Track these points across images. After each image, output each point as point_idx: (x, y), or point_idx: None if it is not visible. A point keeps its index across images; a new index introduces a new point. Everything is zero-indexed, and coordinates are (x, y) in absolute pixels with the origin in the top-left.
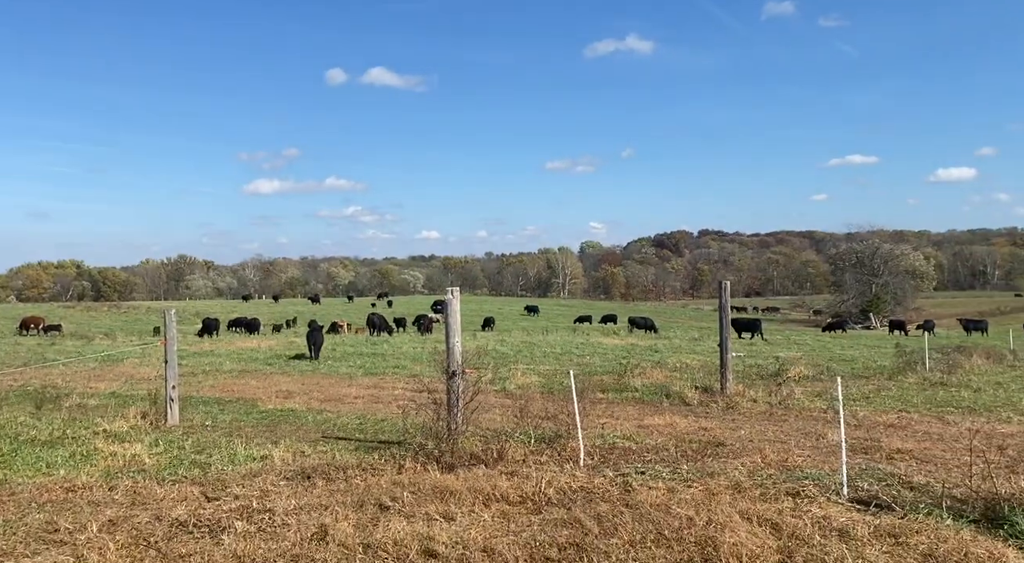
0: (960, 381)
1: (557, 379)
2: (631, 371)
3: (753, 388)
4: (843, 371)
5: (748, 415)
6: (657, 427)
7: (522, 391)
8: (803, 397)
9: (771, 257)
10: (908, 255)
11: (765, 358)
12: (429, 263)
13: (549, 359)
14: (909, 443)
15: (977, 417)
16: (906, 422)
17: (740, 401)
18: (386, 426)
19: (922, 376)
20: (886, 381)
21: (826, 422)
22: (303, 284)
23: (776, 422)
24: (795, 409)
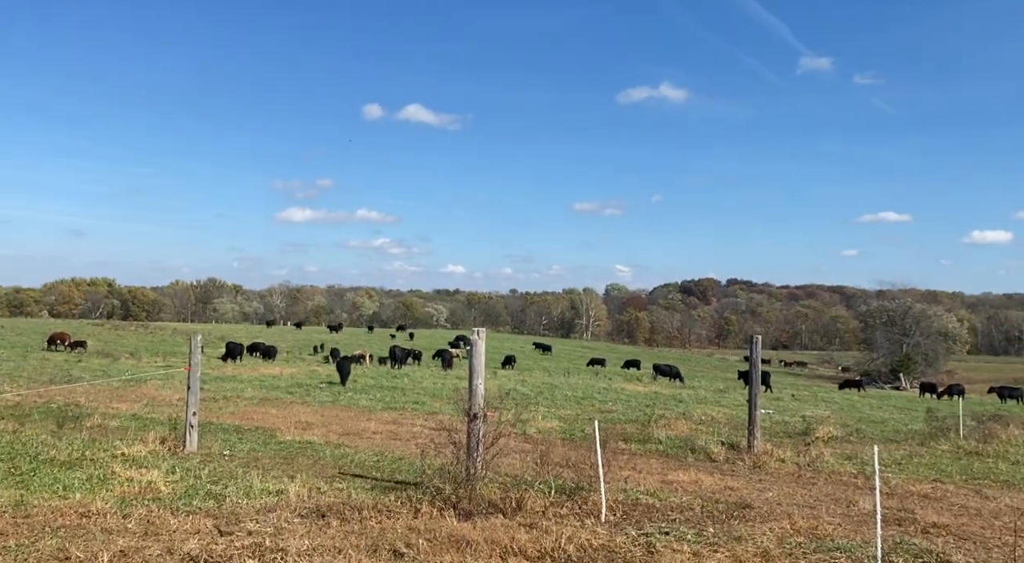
0: (996, 451)
1: (579, 425)
2: (655, 421)
3: (781, 447)
4: (873, 433)
5: (776, 476)
6: (682, 484)
7: (543, 436)
8: (832, 459)
9: (800, 310)
10: (941, 316)
11: (792, 415)
12: (453, 297)
13: (570, 403)
14: (945, 517)
15: (1016, 493)
16: (941, 493)
17: (768, 460)
18: (403, 465)
19: (956, 444)
20: (918, 446)
21: (857, 488)
22: (328, 312)
23: (805, 485)
24: (824, 472)
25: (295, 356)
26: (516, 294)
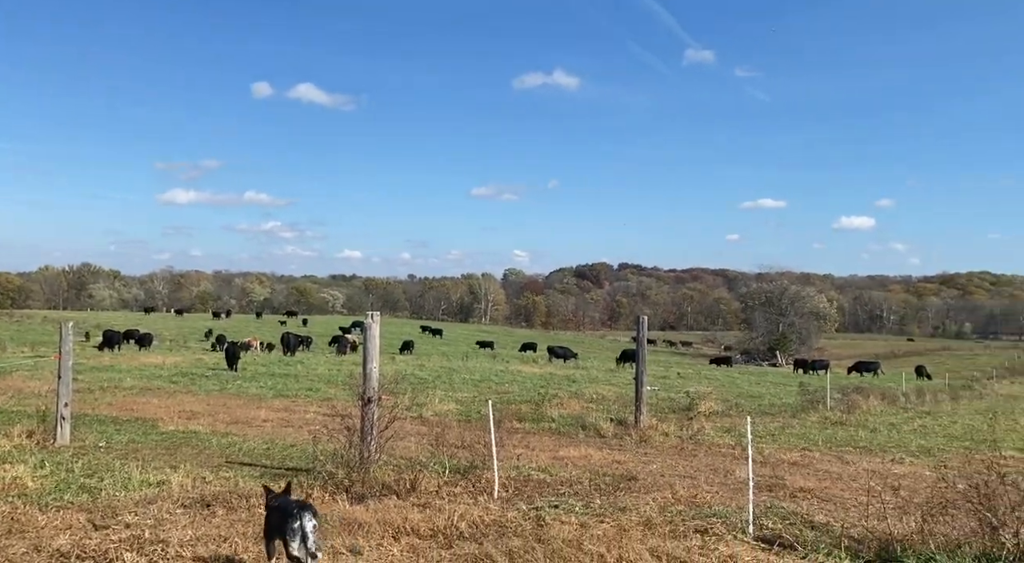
0: (858, 421)
1: (475, 407)
2: (549, 401)
3: (666, 422)
4: (751, 407)
5: (660, 449)
6: (572, 459)
7: (439, 419)
8: (713, 432)
9: (686, 293)
10: (813, 297)
11: (677, 392)
12: (350, 283)
13: (468, 386)
14: (811, 482)
15: (873, 457)
16: (809, 460)
17: (653, 434)
18: (295, 452)
19: (823, 415)
20: (790, 419)
21: (734, 458)
22: (215, 299)
23: (687, 457)
24: (705, 444)
25: (179, 344)
26: (415, 279)
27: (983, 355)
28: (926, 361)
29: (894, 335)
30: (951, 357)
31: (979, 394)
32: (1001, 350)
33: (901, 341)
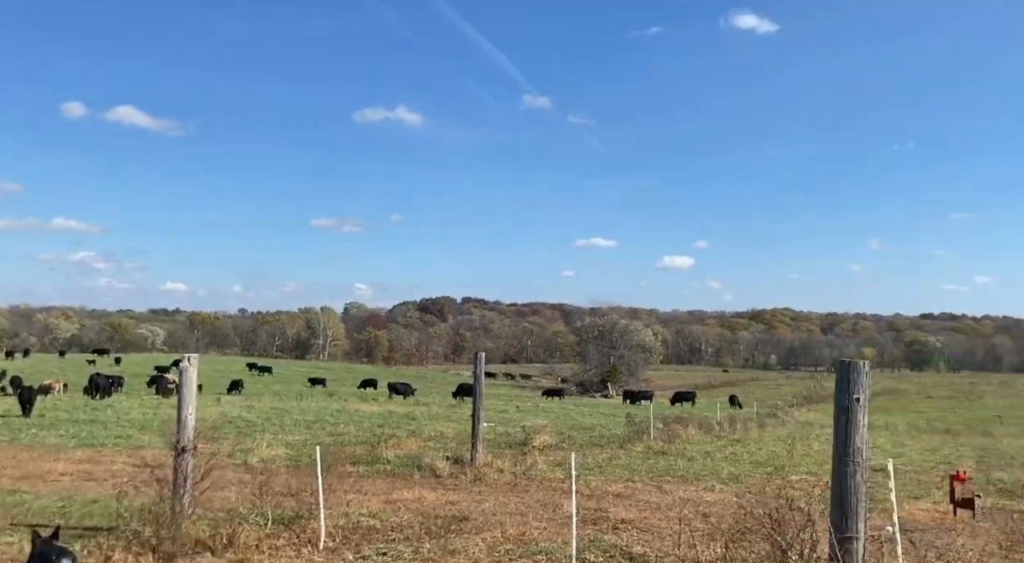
0: (678, 450)
1: (307, 450)
2: (385, 441)
3: (501, 458)
4: (583, 439)
5: (494, 486)
6: (405, 502)
7: (265, 465)
8: (545, 466)
9: (527, 326)
10: (640, 331)
11: (515, 426)
12: (173, 318)
13: (300, 428)
14: (632, 512)
15: (688, 485)
16: (631, 491)
17: (488, 472)
18: (97, 508)
19: (647, 445)
20: (618, 449)
21: (564, 492)
22: (11, 336)
23: (519, 493)
24: (537, 479)
25: None
26: (247, 314)
27: (786, 385)
28: (738, 391)
29: (711, 366)
30: (759, 387)
31: (782, 421)
32: (800, 380)
33: (717, 372)
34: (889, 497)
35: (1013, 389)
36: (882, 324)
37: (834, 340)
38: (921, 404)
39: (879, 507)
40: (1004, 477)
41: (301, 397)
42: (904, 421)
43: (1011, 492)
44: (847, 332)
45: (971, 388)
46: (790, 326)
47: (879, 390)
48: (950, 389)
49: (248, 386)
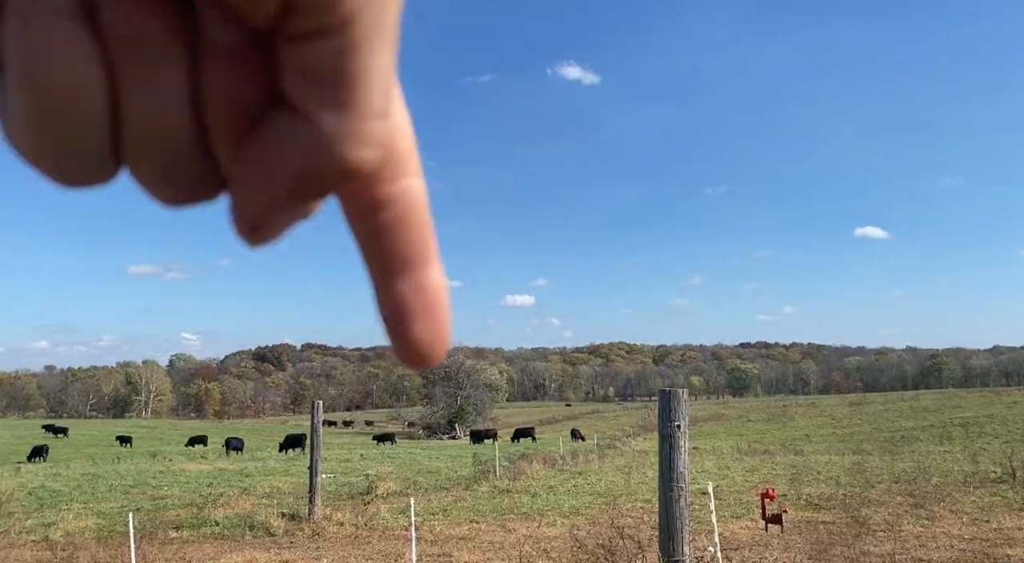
0: (523, 487)
1: (122, 519)
2: (214, 502)
3: (341, 510)
4: (429, 483)
5: (334, 540)
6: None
7: (71, 539)
8: (388, 515)
9: (371, 371)
10: (486, 370)
11: (358, 475)
12: None
13: (116, 494)
14: (476, 555)
15: (531, 522)
16: (475, 533)
17: (327, 526)
18: None
19: (493, 484)
20: (463, 491)
21: (407, 540)
22: None
23: (360, 545)
24: (379, 529)
25: None
26: (54, 371)
27: (623, 415)
28: (580, 424)
29: (555, 401)
30: (599, 419)
31: (620, 451)
32: (636, 410)
33: (561, 406)
34: (711, 519)
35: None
36: (707, 353)
37: (665, 370)
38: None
39: (704, 528)
40: (812, 492)
41: (118, 460)
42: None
43: (817, 505)
44: (677, 362)
45: (783, 410)
46: (625, 359)
47: (706, 416)
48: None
49: (56, 451)
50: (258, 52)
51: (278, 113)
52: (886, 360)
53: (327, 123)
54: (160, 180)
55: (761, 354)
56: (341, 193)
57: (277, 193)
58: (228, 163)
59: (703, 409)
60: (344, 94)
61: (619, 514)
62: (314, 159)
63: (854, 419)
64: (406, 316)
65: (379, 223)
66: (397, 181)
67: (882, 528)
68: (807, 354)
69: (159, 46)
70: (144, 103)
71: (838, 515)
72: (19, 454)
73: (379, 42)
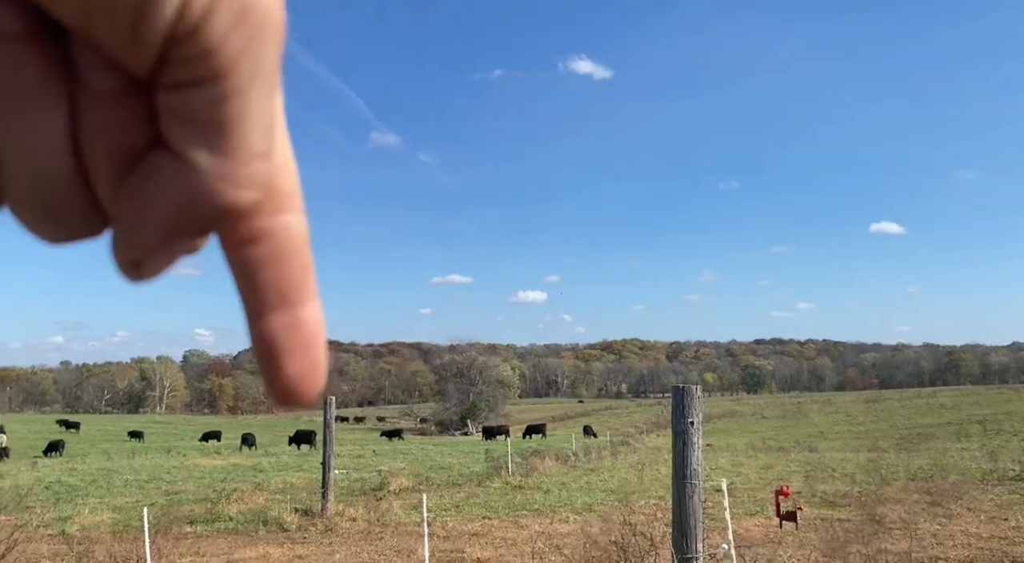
0: (535, 483)
1: (137, 513)
2: (227, 497)
3: (354, 506)
4: (441, 480)
5: (347, 536)
6: (248, 561)
7: (87, 533)
8: (401, 511)
9: (384, 367)
10: (498, 366)
11: (370, 471)
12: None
13: (132, 489)
14: (488, 551)
15: (544, 519)
16: (488, 529)
17: (340, 521)
18: None
19: (505, 480)
20: (476, 487)
21: (419, 536)
22: None
23: (373, 541)
24: (392, 524)
25: None
26: (70, 367)
27: (636, 412)
28: (592, 420)
29: (567, 398)
30: (612, 416)
31: (633, 448)
32: (649, 407)
33: (573, 403)
34: (725, 516)
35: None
36: (721, 350)
37: (679, 367)
38: (757, 425)
39: (718, 525)
40: (827, 489)
41: (133, 455)
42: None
43: (832, 502)
44: (690, 359)
45: (798, 407)
46: (639, 355)
47: (720, 413)
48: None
49: (71, 446)
50: (137, 96)
51: (158, 153)
52: (902, 357)
53: (205, 165)
54: (40, 219)
55: (776, 350)
56: (219, 227)
57: (156, 231)
58: (109, 202)
59: (717, 406)
60: (222, 139)
61: (632, 511)
62: (192, 199)
63: (870, 416)
64: (278, 353)
65: (255, 257)
66: (276, 217)
67: (898, 526)
68: (822, 351)
69: (35, 90)
70: (21, 145)
71: (853, 513)
72: (36, 449)
73: (258, 88)
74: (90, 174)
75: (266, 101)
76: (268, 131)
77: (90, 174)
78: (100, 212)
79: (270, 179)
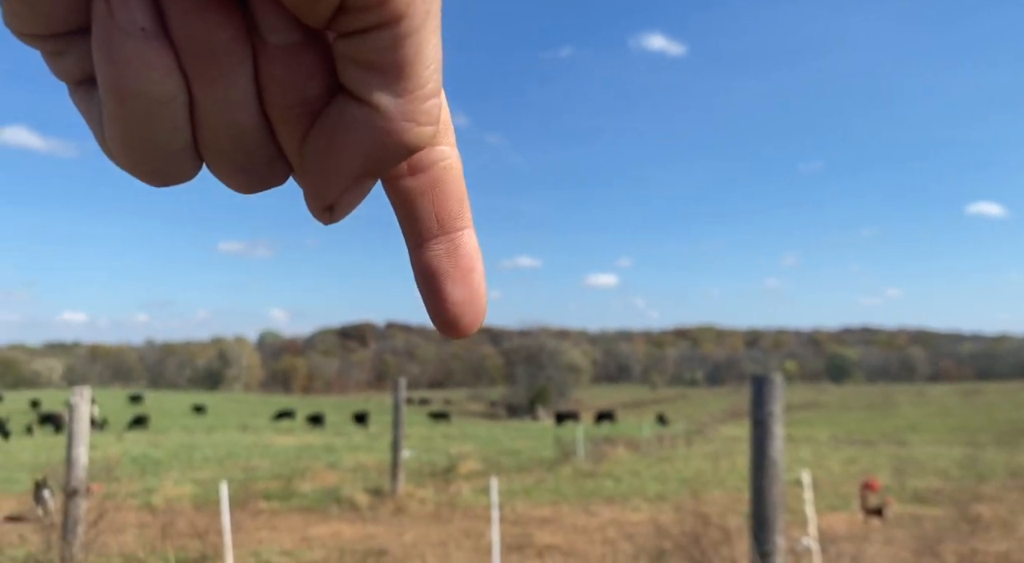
0: (606, 470)
1: (216, 487)
2: (301, 475)
3: (424, 487)
4: (510, 464)
5: (416, 517)
6: (321, 537)
7: (170, 505)
8: (470, 494)
9: (453, 350)
10: (569, 351)
11: (440, 453)
12: (71, 351)
13: (210, 464)
14: (558, 537)
15: (615, 506)
16: (558, 515)
17: (410, 502)
18: None
19: (575, 467)
20: (546, 473)
21: (487, 520)
22: None
23: (442, 523)
24: (461, 507)
25: None
26: (153, 344)
27: (712, 401)
28: (666, 408)
29: (639, 384)
30: (686, 403)
31: (708, 438)
32: (725, 396)
33: (645, 390)
34: (807, 509)
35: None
36: (803, 338)
37: (757, 355)
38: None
39: (798, 519)
40: (918, 484)
41: (213, 430)
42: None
43: (924, 499)
44: (770, 347)
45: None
46: (715, 342)
47: (801, 403)
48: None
49: (155, 421)
50: (312, 47)
51: (339, 101)
52: (1004, 347)
53: (389, 107)
54: (234, 172)
55: (863, 339)
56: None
57: (347, 175)
58: (294, 152)
59: (798, 396)
60: (402, 80)
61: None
62: (380, 141)
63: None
64: (440, 280)
65: (416, 188)
66: (435, 148)
67: (996, 526)
68: (914, 340)
69: (227, 53)
70: (216, 104)
71: (947, 510)
72: (122, 423)
73: (429, 28)
74: (273, 126)
75: (436, 38)
76: (439, 67)
77: (273, 126)
78: (286, 161)
79: (441, 113)
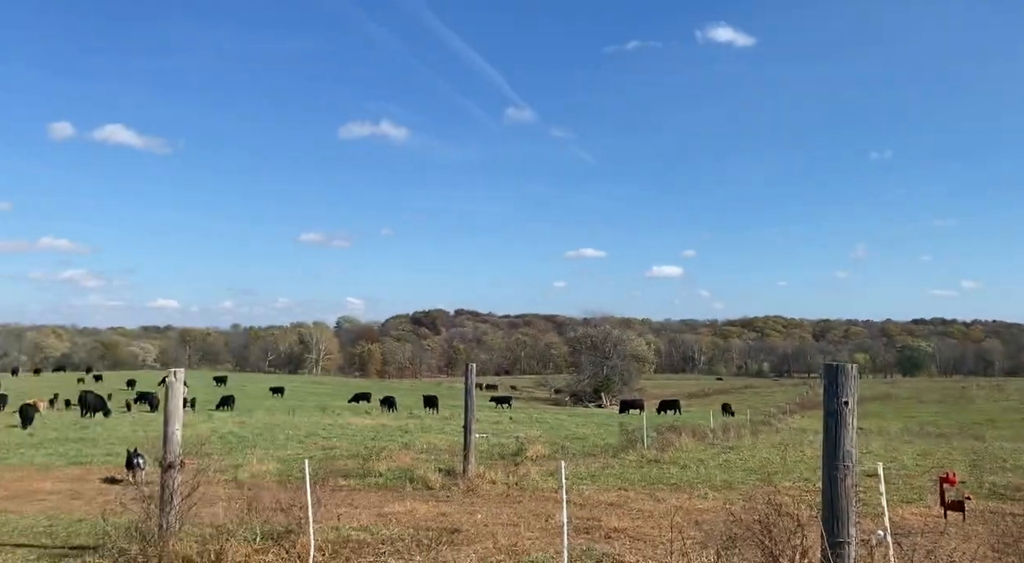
0: (671, 458)
1: (298, 465)
2: (377, 455)
3: (493, 469)
4: (576, 449)
5: (487, 498)
6: (397, 515)
7: (256, 480)
8: (538, 477)
9: (519, 338)
10: (633, 340)
11: (508, 437)
12: (164, 335)
13: (292, 443)
14: (625, 521)
15: (681, 494)
16: (624, 500)
17: (480, 483)
18: (83, 528)
19: (640, 454)
20: (611, 459)
21: (556, 502)
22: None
23: (512, 504)
24: (530, 489)
25: None
26: (239, 329)
27: (779, 392)
28: (731, 398)
29: (704, 374)
30: (753, 394)
31: (775, 428)
32: (793, 387)
33: (711, 380)
34: (880, 501)
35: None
36: (874, 330)
37: (826, 346)
38: (914, 409)
39: (871, 511)
40: (996, 480)
41: (293, 412)
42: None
43: (1003, 495)
44: (839, 338)
45: (962, 392)
46: (782, 333)
47: (872, 395)
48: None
49: (240, 402)
50: None
51: None
52: None
53: None
54: None
55: (937, 331)
56: None
57: None
58: None
59: (869, 388)
60: None
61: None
62: None
63: None
64: None
65: None
66: None
67: None
68: (991, 332)
69: None
70: None
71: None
72: (210, 403)
73: None
74: None
75: None
76: None
77: None
78: None
79: None
